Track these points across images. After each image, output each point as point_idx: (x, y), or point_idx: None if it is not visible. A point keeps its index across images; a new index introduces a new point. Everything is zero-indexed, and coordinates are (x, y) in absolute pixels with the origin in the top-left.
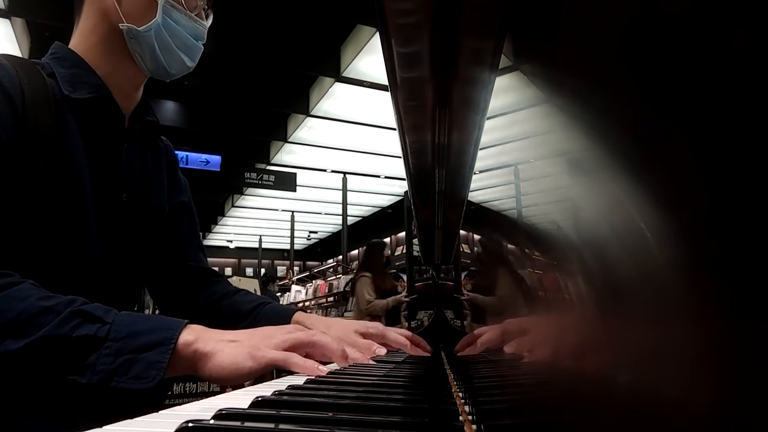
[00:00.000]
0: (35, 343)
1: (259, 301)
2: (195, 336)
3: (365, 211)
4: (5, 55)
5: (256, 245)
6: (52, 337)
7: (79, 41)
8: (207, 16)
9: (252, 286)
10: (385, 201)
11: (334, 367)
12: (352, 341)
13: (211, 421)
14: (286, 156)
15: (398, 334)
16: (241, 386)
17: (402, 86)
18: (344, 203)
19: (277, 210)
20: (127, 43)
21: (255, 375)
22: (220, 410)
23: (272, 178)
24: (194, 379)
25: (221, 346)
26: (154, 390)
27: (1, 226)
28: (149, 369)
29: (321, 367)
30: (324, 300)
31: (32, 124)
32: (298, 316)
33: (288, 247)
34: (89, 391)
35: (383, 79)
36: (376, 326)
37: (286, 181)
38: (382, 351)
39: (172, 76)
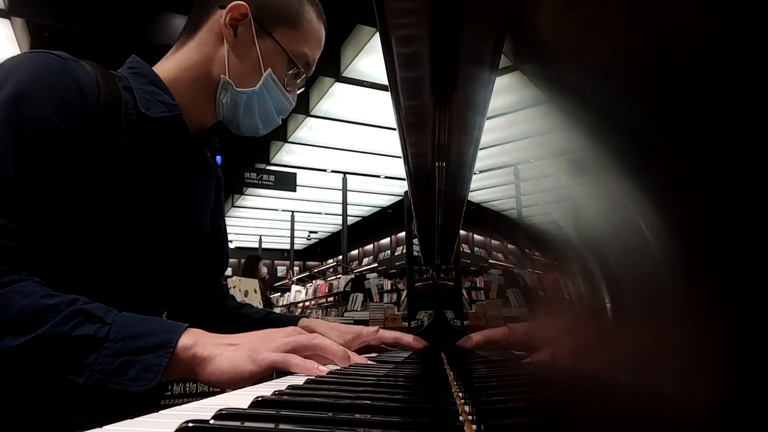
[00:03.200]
0: (35, 341)
1: (266, 311)
2: (194, 340)
3: (365, 211)
4: (88, 61)
5: (256, 245)
6: (52, 335)
7: (169, 67)
8: (295, 99)
9: (252, 286)
10: (385, 201)
11: (334, 367)
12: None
13: (211, 421)
14: (286, 156)
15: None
16: (242, 387)
17: (402, 86)
18: (344, 203)
19: (277, 210)
20: (218, 91)
21: (255, 378)
22: (220, 410)
23: (272, 178)
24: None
25: (220, 350)
26: (151, 392)
27: (25, 215)
28: (147, 371)
29: (321, 367)
30: (324, 300)
31: (100, 130)
32: (303, 322)
33: (288, 247)
34: (87, 391)
35: (383, 79)
36: (375, 331)
37: (286, 181)
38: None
39: (239, 132)
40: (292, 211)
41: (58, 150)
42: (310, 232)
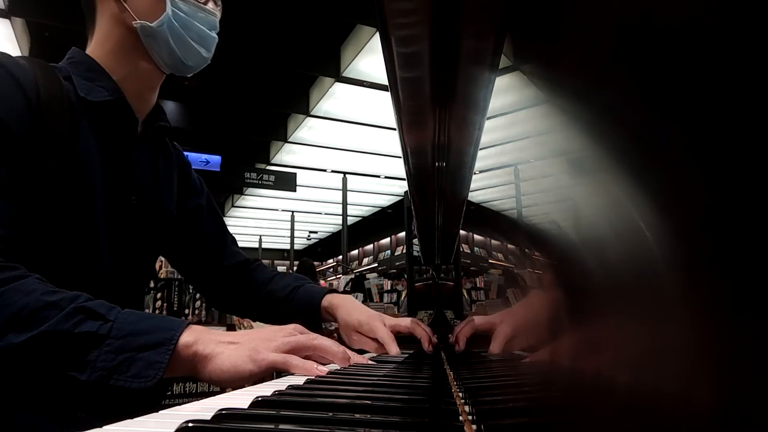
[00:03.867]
0: (37, 338)
1: (293, 285)
2: (195, 337)
3: (365, 211)
4: (25, 57)
5: (256, 245)
6: (55, 332)
7: (95, 48)
8: (217, 5)
9: None
10: (385, 201)
11: (334, 367)
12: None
13: (211, 421)
14: (286, 156)
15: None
16: (242, 386)
17: (402, 86)
18: (344, 203)
19: (277, 210)
20: (144, 42)
21: (255, 378)
22: (220, 410)
23: (272, 178)
24: (194, 379)
25: (221, 348)
26: (152, 389)
27: (8, 219)
28: (149, 368)
29: (320, 367)
30: None
31: (45, 122)
32: (330, 298)
33: (288, 247)
34: (89, 388)
35: (383, 79)
36: (406, 321)
37: (286, 181)
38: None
39: (190, 69)
40: (292, 211)
41: (9, 145)
42: (310, 232)
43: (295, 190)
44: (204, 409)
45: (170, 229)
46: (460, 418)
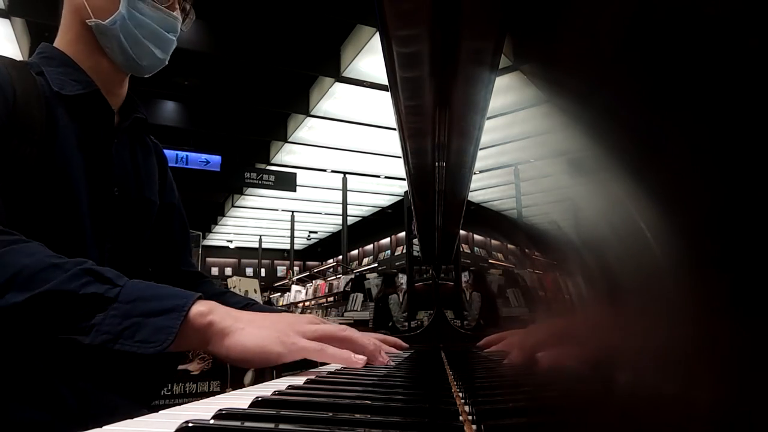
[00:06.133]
0: (39, 297)
1: (246, 301)
2: (209, 308)
3: (365, 211)
4: None
5: (256, 245)
6: (59, 292)
7: (59, 39)
8: (185, 11)
9: (252, 286)
10: (385, 201)
11: (335, 367)
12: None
13: (211, 421)
14: (286, 156)
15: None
16: (242, 386)
17: (402, 86)
18: (344, 203)
19: (277, 210)
20: (98, 39)
21: (282, 361)
22: (220, 410)
23: (272, 178)
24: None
25: (242, 324)
26: (160, 363)
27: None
28: (157, 333)
29: (358, 357)
30: (324, 300)
31: (23, 118)
32: None
33: (288, 247)
34: (92, 352)
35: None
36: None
37: (286, 181)
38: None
39: (145, 69)
40: (292, 211)
41: None
42: (310, 232)
43: (295, 190)
44: (204, 409)
45: (155, 220)
46: (460, 418)
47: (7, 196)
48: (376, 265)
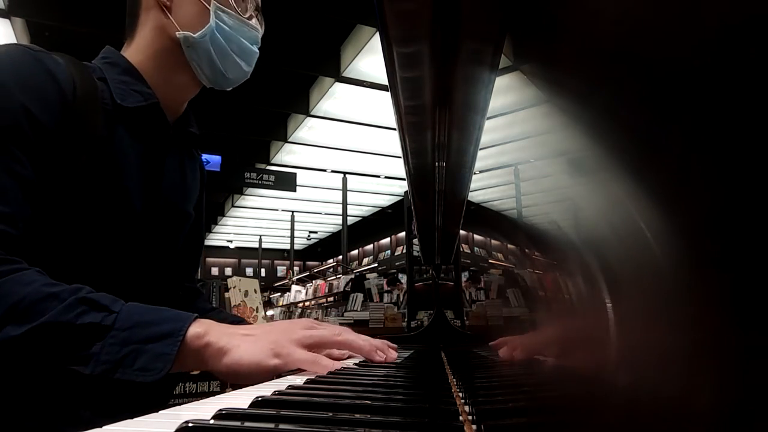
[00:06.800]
0: (37, 329)
1: (230, 320)
2: (205, 329)
3: (365, 211)
4: (61, 54)
5: (256, 245)
6: (56, 323)
7: (134, 53)
8: (260, 22)
9: (252, 286)
10: (385, 201)
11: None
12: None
13: (211, 421)
14: (286, 156)
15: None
16: (241, 386)
17: (402, 86)
18: (344, 203)
19: (277, 210)
20: (185, 53)
21: (278, 373)
22: (220, 410)
23: (272, 178)
24: (194, 378)
25: (236, 341)
26: (160, 385)
27: (24, 221)
28: (156, 361)
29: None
30: (324, 300)
31: (79, 121)
32: None
33: (288, 247)
34: (93, 382)
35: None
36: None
37: (286, 181)
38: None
39: (230, 82)
40: (292, 211)
41: (38, 139)
42: (310, 232)
43: (295, 190)
44: (204, 409)
45: (188, 233)
46: (460, 418)
47: (43, 195)
48: (376, 265)
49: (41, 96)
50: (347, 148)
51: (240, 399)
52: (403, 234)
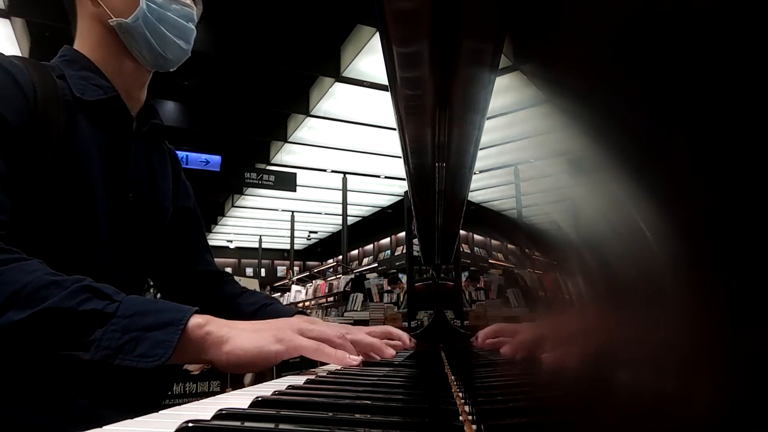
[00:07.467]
0: (40, 314)
1: (262, 302)
2: (206, 320)
3: (365, 211)
4: (18, 57)
5: (256, 245)
6: (58, 309)
7: (80, 44)
8: (195, 1)
9: (252, 286)
10: (385, 201)
11: (335, 367)
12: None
13: (211, 421)
14: (286, 156)
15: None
16: (242, 386)
17: (402, 86)
18: (344, 203)
19: (277, 210)
20: (122, 40)
21: (280, 359)
22: (220, 410)
23: (272, 178)
24: (194, 378)
25: (237, 331)
26: (158, 376)
27: (8, 210)
28: (156, 348)
29: (353, 357)
30: (324, 300)
31: (42, 120)
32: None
33: (288, 247)
34: (92, 368)
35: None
36: (380, 327)
37: (286, 181)
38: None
39: (171, 63)
40: (292, 211)
41: (9, 140)
42: (310, 232)
43: (295, 190)
44: (204, 409)
45: (167, 227)
46: (460, 418)
47: (21, 199)
48: (376, 265)
49: (6, 99)
50: (347, 148)
51: (240, 399)
52: (403, 234)
